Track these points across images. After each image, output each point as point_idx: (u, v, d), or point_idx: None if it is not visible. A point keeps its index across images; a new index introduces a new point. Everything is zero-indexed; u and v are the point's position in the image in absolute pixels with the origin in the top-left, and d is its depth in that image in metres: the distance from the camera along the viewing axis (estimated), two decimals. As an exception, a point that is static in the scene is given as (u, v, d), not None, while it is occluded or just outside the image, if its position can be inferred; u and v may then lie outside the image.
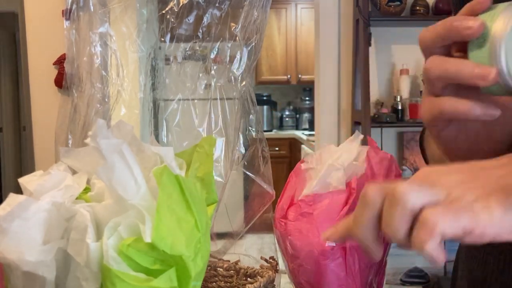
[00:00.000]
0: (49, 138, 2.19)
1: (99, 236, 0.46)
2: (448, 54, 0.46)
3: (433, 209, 0.35)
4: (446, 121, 0.49)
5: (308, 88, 5.61)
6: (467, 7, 0.45)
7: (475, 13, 0.44)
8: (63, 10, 2.44)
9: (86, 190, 0.53)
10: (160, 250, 0.43)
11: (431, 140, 0.71)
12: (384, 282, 0.75)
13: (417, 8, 2.65)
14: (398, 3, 2.57)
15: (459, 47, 0.46)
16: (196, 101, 1.52)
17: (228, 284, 0.84)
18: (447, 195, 0.37)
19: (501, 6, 0.42)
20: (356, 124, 2.74)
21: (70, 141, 1.76)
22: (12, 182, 4.55)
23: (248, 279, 0.82)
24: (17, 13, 2.73)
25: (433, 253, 0.35)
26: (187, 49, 1.50)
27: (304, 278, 0.71)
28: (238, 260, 0.86)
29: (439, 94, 0.47)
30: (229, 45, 1.45)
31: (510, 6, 0.41)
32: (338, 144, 0.76)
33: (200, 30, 1.46)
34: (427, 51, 0.48)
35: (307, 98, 5.67)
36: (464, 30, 0.42)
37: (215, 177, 1.20)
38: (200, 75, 1.51)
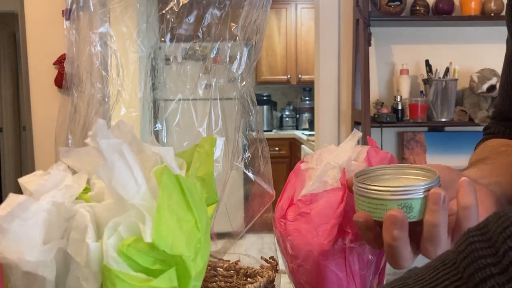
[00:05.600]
0: (49, 138, 2.19)
1: (99, 236, 0.46)
2: None
3: None
4: None
5: (308, 88, 5.62)
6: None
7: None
8: (63, 10, 2.44)
9: (86, 190, 0.53)
10: (160, 250, 0.43)
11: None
12: (384, 282, 0.75)
13: (417, 8, 2.65)
14: (398, 3, 2.57)
15: None
16: (196, 101, 1.51)
17: (228, 284, 0.84)
18: None
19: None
20: (356, 124, 2.74)
21: (70, 141, 1.76)
22: (12, 182, 4.55)
23: (248, 279, 0.82)
24: (17, 13, 2.73)
25: None
26: (187, 49, 1.50)
27: (304, 278, 0.71)
28: (238, 260, 0.86)
29: None
30: (229, 45, 1.45)
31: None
32: (338, 144, 0.76)
33: (200, 30, 1.45)
34: None
35: (307, 98, 5.67)
36: None
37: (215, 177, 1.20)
38: (200, 75, 1.50)
